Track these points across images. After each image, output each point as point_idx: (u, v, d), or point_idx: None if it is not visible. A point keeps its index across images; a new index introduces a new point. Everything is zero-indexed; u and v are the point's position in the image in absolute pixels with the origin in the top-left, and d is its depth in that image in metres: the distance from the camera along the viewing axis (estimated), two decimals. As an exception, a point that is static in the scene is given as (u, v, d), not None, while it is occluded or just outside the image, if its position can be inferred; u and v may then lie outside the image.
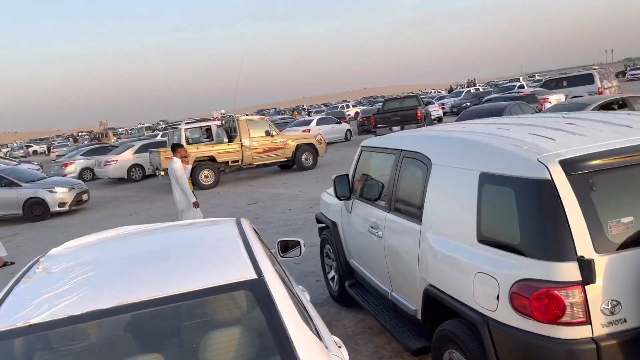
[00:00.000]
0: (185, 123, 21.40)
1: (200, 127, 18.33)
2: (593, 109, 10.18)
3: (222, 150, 15.86)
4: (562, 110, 10.63)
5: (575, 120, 3.13)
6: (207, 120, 27.94)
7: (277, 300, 2.03)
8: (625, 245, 2.33)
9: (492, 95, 24.74)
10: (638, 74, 52.95)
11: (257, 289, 2.10)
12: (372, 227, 4.04)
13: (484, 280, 2.61)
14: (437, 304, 3.09)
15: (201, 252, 2.61)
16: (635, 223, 2.36)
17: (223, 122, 17.70)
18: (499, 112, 12.89)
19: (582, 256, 2.27)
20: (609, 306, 2.28)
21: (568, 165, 2.41)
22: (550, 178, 2.39)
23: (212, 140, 17.21)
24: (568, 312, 2.26)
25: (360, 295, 4.53)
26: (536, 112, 14.62)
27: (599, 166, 2.41)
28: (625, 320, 2.29)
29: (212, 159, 15.69)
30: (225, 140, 16.09)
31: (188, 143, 16.68)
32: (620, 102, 10.87)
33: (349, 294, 4.81)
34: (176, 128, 17.52)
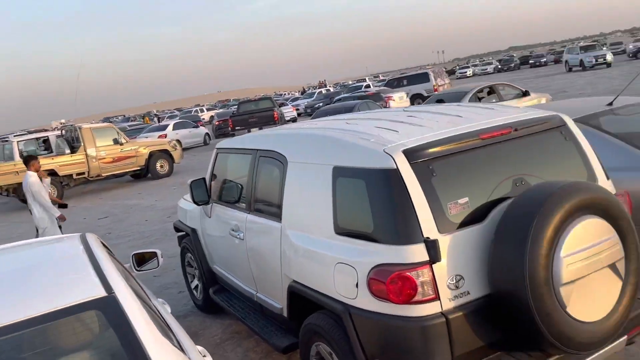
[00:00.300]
0: (15, 136, 19.16)
1: (36, 138, 16.57)
2: (472, 96, 12.07)
3: (64, 163, 14.53)
4: (447, 98, 12.60)
5: (415, 113, 3.37)
6: (45, 131, 25.40)
7: (132, 317, 1.89)
8: (464, 224, 2.56)
9: (342, 95, 25.90)
10: (465, 72, 59.35)
11: (108, 307, 1.93)
12: (233, 230, 3.96)
13: (344, 270, 2.69)
14: (301, 299, 3.13)
15: (40, 273, 2.34)
16: (470, 203, 2.59)
17: (63, 132, 16.21)
18: (348, 111, 13.53)
19: (428, 237, 2.44)
20: (454, 281, 2.48)
21: (411, 154, 2.58)
22: (395, 167, 2.54)
23: (52, 152, 15.67)
24: (420, 291, 2.42)
25: (226, 300, 4.43)
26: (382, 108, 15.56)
27: (437, 153, 2.62)
28: (469, 293, 2.51)
29: (52, 172, 14.28)
30: (67, 151, 14.76)
31: (22, 157, 14.98)
32: (489, 89, 12.78)
33: (214, 301, 4.68)
34: (6, 141, 15.61)
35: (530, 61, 56.93)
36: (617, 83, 23.29)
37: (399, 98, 23.22)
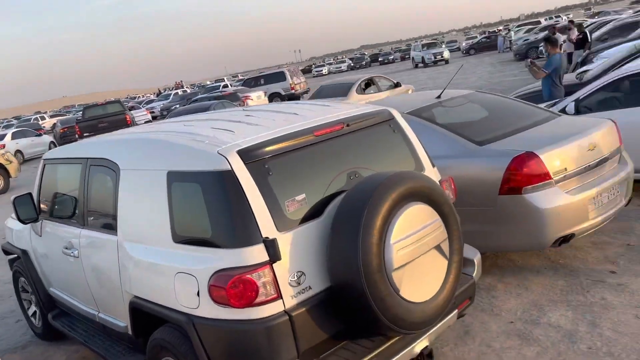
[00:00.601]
0: None
1: None
2: (357, 86, 13.80)
3: None
4: (332, 89, 14.19)
5: (252, 113, 3.34)
6: None
7: None
8: (303, 220, 2.58)
9: (200, 96, 25.26)
10: (321, 70, 61.34)
11: None
12: (66, 248, 3.61)
13: (184, 280, 2.57)
14: (145, 315, 2.94)
15: None
16: (307, 199, 2.63)
17: None
18: (204, 110, 13.21)
19: (267, 237, 2.42)
20: (295, 278, 2.49)
21: (245, 154, 2.54)
22: (230, 168, 2.48)
23: None
24: (261, 292, 2.39)
25: (67, 325, 4.04)
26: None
27: (272, 152, 2.61)
28: (310, 288, 2.54)
29: None
30: None
31: None
32: (369, 80, 14.44)
33: (54, 327, 4.25)
34: None
35: (379, 59, 60.64)
36: (455, 77, 25.70)
37: (257, 97, 23.26)
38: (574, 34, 15.36)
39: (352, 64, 61.42)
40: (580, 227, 4.04)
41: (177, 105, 28.75)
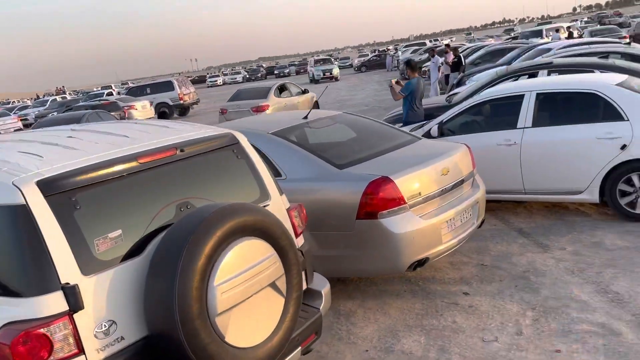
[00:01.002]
0: None
1: None
2: (275, 89, 15.24)
3: None
4: (249, 92, 15.33)
5: (78, 133, 2.97)
6: None
7: None
8: (117, 260, 2.27)
9: (81, 104, 23.59)
10: (216, 80, 60.33)
11: None
12: None
13: (-33, 336, 2.15)
14: None
15: None
16: (125, 235, 2.32)
17: None
18: (76, 121, 12.21)
19: (67, 283, 2.08)
20: (104, 328, 2.17)
21: (46, 186, 2.19)
22: (25, 202, 2.11)
23: None
24: (57, 348, 2.05)
25: None
26: (118, 120, 14.56)
27: (83, 182, 2.28)
28: (123, 338, 2.23)
29: None
30: None
31: None
32: (281, 86, 16.01)
33: None
34: None
35: (275, 71, 60.86)
36: (344, 94, 26.32)
37: (142, 107, 22.14)
38: (450, 57, 16.33)
39: (247, 76, 61.09)
40: (435, 250, 4.10)
41: (55, 113, 26.58)
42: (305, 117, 5.03)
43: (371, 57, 48.90)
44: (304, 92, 16.65)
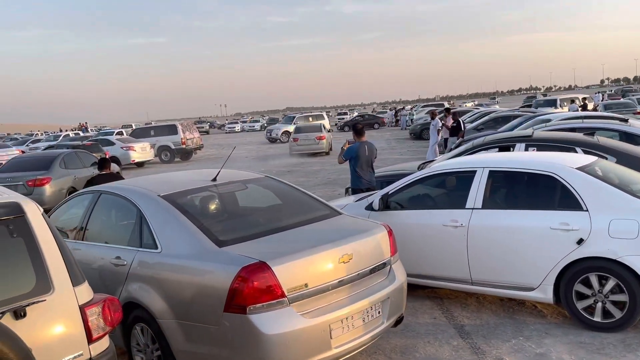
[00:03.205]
0: None
1: None
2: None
3: None
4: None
5: None
6: None
7: None
8: None
9: (62, 143, 23.70)
10: (234, 127, 60.89)
11: None
12: None
13: None
14: None
15: None
16: None
17: None
18: (49, 161, 11.85)
19: None
20: None
21: None
22: None
23: None
24: None
25: None
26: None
27: None
28: None
29: None
30: None
31: None
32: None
33: None
34: None
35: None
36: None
37: (141, 149, 22.04)
38: (449, 121, 15.79)
39: (265, 124, 61.50)
40: (320, 358, 3.35)
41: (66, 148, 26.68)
42: (214, 179, 4.42)
43: (354, 117, 47.12)
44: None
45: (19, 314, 2.20)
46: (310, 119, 34.30)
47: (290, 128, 34.18)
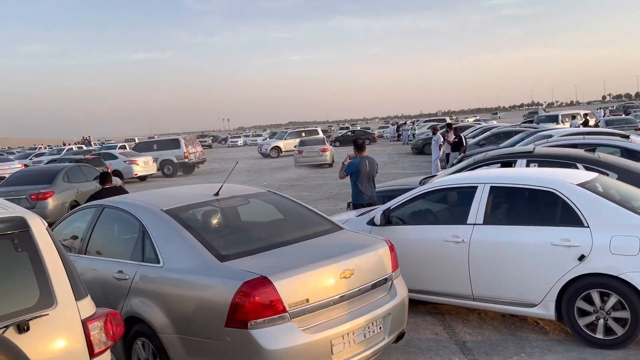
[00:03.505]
0: None
1: None
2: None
3: None
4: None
5: None
6: None
7: None
8: None
9: (65, 156, 23.83)
10: (237, 141, 61.21)
11: None
12: None
13: None
14: None
15: None
16: None
17: None
18: (52, 175, 11.90)
19: None
20: None
21: None
22: None
23: None
24: None
25: None
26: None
27: None
28: None
29: None
30: None
31: None
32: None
33: None
34: None
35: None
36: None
37: (144, 163, 22.12)
38: (451, 136, 15.84)
39: (267, 138, 61.88)
40: (320, 373, 3.34)
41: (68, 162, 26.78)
42: (217, 194, 4.45)
43: (346, 133, 46.92)
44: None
45: (22, 328, 2.22)
46: (304, 134, 34.01)
47: (281, 143, 34.24)
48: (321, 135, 32.46)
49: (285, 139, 35.35)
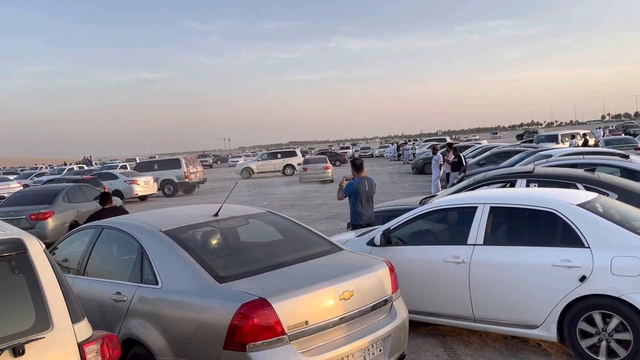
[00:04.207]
0: None
1: None
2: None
3: None
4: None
5: None
6: None
7: None
8: None
9: (63, 177, 23.87)
10: (237, 161, 61.38)
11: None
12: None
13: None
14: None
15: None
16: None
17: None
18: (52, 195, 11.91)
19: None
20: None
21: None
22: None
23: None
24: None
25: None
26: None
27: None
28: None
29: None
30: None
31: None
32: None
33: None
34: None
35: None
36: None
37: (144, 182, 22.13)
38: (451, 156, 15.88)
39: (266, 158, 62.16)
40: (319, 396, 3.30)
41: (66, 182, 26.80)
42: (216, 214, 4.45)
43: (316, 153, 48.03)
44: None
45: (17, 351, 2.20)
46: (279, 155, 34.31)
47: (253, 165, 34.34)
48: (296, 158, 33.24)
49: (258, 160, 35.61)
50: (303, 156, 33.87)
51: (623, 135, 28.11)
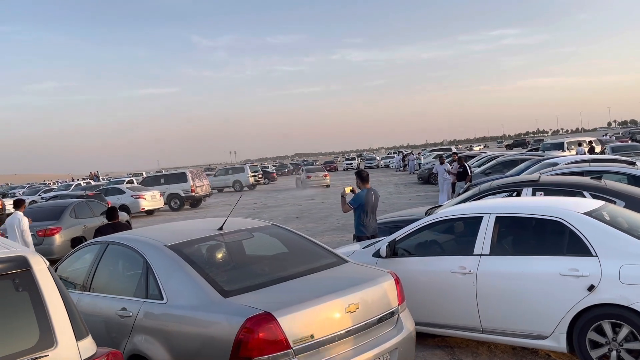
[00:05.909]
0: None
1: None
2: None
3: None
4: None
5: None
6: None
7: None
8: None
9: (67, 192, 24.00)
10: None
11: None
12: None
13: None
14: None
15: None
16: None
17: None
18: (59, 211, 11.97)
19: None
20: None
21: None
22: None
23: None
24: None
25: None
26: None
27: None
28: None
29: None
30: None
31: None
32: None
33: None
34: None
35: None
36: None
37: (151, 197, 22.21)
38: (455, 166, 15.85)
39: (274, 170, 62.40)
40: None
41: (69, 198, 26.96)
42: (220, 228, 4.45)
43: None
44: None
45: (21, 369, 2.19)
46: (230, 171, 36.54)
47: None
48: (244, 174, 35.42)
49: (215, 175, 36.60)
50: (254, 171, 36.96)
51: (630, 142, 27.95)
